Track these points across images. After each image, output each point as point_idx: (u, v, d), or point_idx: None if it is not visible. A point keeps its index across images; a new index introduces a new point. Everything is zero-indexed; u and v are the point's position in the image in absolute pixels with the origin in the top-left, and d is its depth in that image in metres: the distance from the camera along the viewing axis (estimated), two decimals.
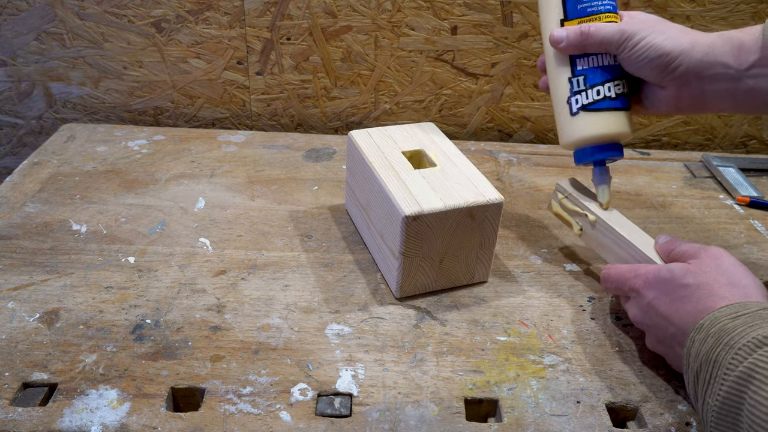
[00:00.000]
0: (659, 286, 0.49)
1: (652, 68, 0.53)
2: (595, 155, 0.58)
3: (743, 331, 0.39)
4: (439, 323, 0.56)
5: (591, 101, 0.56)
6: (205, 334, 0.54)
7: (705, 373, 0.40)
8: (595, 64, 0.56)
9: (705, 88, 0.52)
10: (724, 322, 0.41)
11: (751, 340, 0.38)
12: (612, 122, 0.56)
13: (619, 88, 0.56)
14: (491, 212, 0.57)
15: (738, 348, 0.38)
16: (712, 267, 0.48)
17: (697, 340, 0.43)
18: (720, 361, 0.39)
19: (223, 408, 0.47)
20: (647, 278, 0.50)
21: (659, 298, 0.49)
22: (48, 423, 0.45)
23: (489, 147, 0.89)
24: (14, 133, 0.95)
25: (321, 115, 0.94)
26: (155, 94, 0.92)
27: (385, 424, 0.46)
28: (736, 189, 0.79)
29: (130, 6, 0.84)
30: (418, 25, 0.86)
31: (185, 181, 0.76)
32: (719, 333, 0.41)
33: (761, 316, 0.40)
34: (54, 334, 0.53)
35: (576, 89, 0.57)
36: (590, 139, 0.57)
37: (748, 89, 0.51)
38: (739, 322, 0.40)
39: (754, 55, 0.49)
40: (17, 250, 0.63)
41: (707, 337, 0.42)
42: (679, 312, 0.47)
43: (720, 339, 0.40)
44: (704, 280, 0.47)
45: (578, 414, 0.48)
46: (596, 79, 0.56)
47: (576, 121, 0.57)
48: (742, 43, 0.50)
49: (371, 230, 0.63)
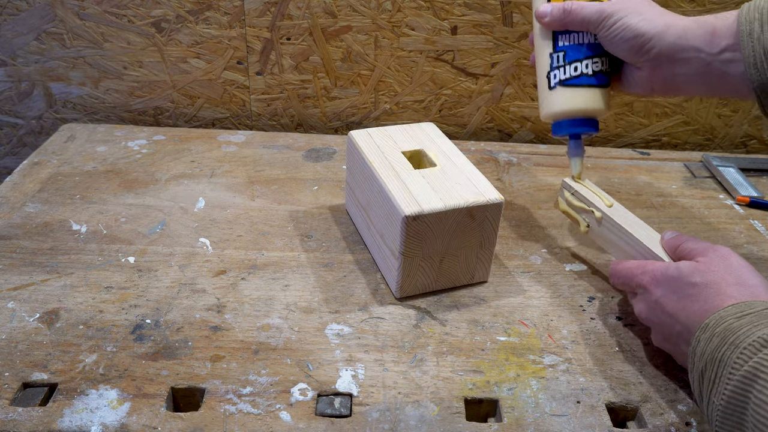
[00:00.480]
0: (667, 283, 0.49)
1: (627, 48, 0.54)
2: (570, 129, 0.60)
3: (749, 330, 0.39)
4: (439, 323, 0.56)
5: (568, 77, 0.58)
6: (205, 334, 0.54)
7: (710, 373, 0.41)
8: (576, 42, 0.58)
9: (677, 71, 0.53)
10: (729, 321, 0.41)
11: (756, 339, 0.38)
12: (587, 98, 0.58)
13: (597, 66, 0.58)
14: (491, 212, 0.57)
15: (743, 347, 0.38)
16: (721, 266, 0.47)
17: (702, 339, 0.43)
18: (725, 360, 0.39)
19: (223, 408, 0.47)
20: (655, 275, 0.50)
21: (666, 296, 0.49)
22: (48, 423, 0.45)
23: (489, 147, 0.89)
24: (14, 133, 0.95)
25: (321, 115, 0.94)
26: (155, 94, 0.92)
27: (385, 424, 0.46)
28: (736, 189, 0.79)
29: (130, 6, 0.84)
30: (418, 25, 0.86)
31: (185, 181, 0.76)
32: (725, 332, 0.41)
33: (767, 316, 0.40)
34: (54, 334, 0.53)
35: (555, 64, 0.59)
36: (565, 113, 0.59)
37: (720, 74, 0.52)
38: (745, 321, 0.40)
39: (725, 40, 0.50)
40: (17, 250, 0.63)
41: (713, 336, 0.42)
42: (685, 310, 0.47)
43: (725, 338, 0.40)
44: (712, 279, 0.47)
45: (578, 414, 0.48)
46: (575, 55, 0.58)
47: (553, 95, 0.59)
48: (715, 28, 0.51)
49: (371, 230, 0.63)
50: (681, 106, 0.92)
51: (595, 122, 0.60)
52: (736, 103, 0.92)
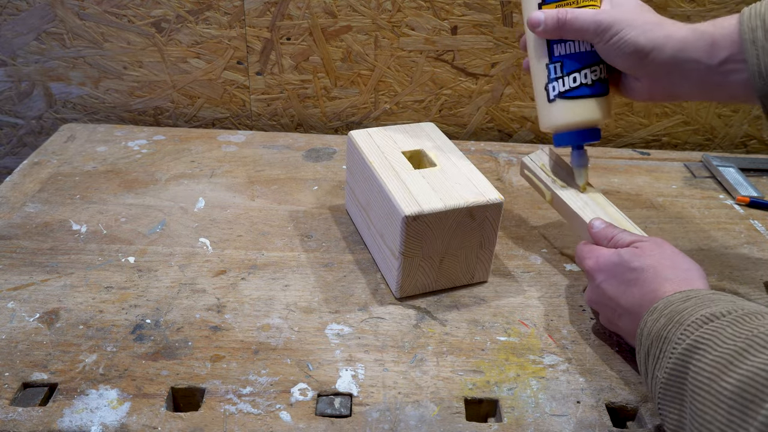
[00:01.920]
0: (608, 269, 0.52)
1: (626, 61, 0.54)
2: (573, 140, 0.59)
3: (693, 310, 0.41)
4: (439, 323, 0.56)
5: (568, 89, 0.57)
6: (205, 334, 0.54)
7: (655, 349, 0.42)
8: (573, 51, 0.57)
9: (676, 82, 0.54)
10: (676, 304, 0.43)
11: (699, 317, 0.40)
12: (588, 110, 0.57)
13: (596, 74, 0.57)
14: (491, 212, 0.57)
15: (687, 324, 0.40)
16: (656, 252, 0.50)
17: (649, 320, 0.45)
18: (670, 337, 0.41)
19: (223, 408, 0.47)
20: (598, 261, 0.54)
21: (608, 281, 0.52)
22: (48, 423, 0.45)
23: (489, 147, 0.89)
24: (14, 133, 0.95)
25: (321, 115, 0.94)
26: (155, 94, 0.92)
27: (385, 424, 0.46)
28: (736, 189, 0.79)
29: (130, 6, 0.84)
30: (418, 25, 0.86)
31: (185, 181, 0.76)
32: (671, 313, 0.43)
33: (710, 299, 0.42)
34: (54, 334, 0.53)
35: (554, 76, 0.58)
36: (568, 125, 0.59)
37: (719, 83, 0.52)
38: (690, 303, 0.42)
39: (725, 51, 0.50)
40: (17, 250, 0.62)
41: (660, 317, 0.43)
42: (625, 294, 0.50)
43: (672, 318, 0.42)
44: (650, 262, 0.49)
45: (578, 414, 0.48)
46: (573, 65, 0.57)
47: (553, 108, 0.58)
48: (714, 39, 0.51)
49: (371, 230, 0.63)
50: (681, 106, 0.92)
51: (597, 131, 0.59)
52: (736, 104, 0.92)
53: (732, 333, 0.37)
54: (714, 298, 0.42)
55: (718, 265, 0.66)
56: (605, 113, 0.58)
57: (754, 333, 0.36)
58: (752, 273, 0.65)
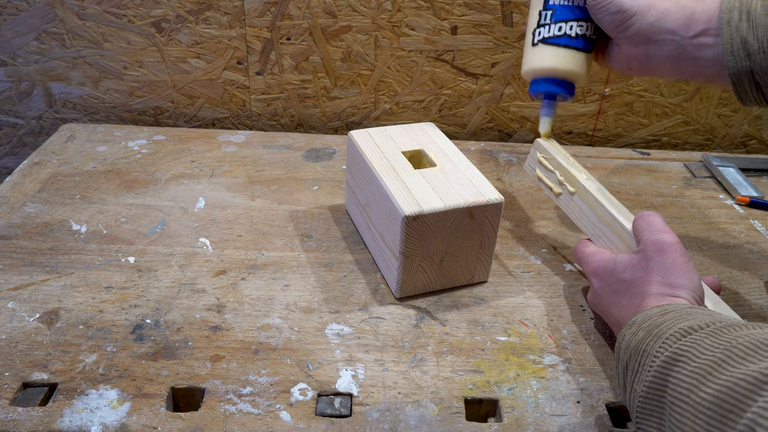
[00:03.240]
0: (603, 275, 0.54)
1: (609, 22, 0.55)
2: (545, 87, 0.60)
3: (671, 323, 0.41)
4: (439, 323, 0.56)
5: (551, 35, 0.58)
6: (205, 334, 0.54)
7: (634, 363, 0.42)
8: (565, 2, 0.58)
9: (651, 52, 0.54)
10: (654, 318, 0.43)
11: (677, 330, 0.40)
12: (566, 59, 0.58)
13: (582, 30, 0.58)
14: (491, 212, 0.57)
15: (666, 338, 0.40)
16: (651, 263, 0.49)
17: (627, 334, 0.45)
18: (648, 350, 0.41)
19: (223, 408, 0.47)
20: (597, 266, 0.55)
21: (602, 287, 0.54)
22: (48, 423, 0.45)
23: (489, 147, 0.89)
24: (14, 133, 0.95)
25: (321, 115, 0.94)
26: (155, 94, 0.92)
27: (385, 424, 0.46)
28: (736, 189, 0.79)
29: (130, 6, 0.84)
30: (418, 25, 0.86)
31: (185, 181, 0.76)
32: (649, 326, 0.43)
33: (688, 312, 0.42)
34: (54, 334, 0.53)
35: (542, 22, 0.59)
36: (543, 71, 0.60)
37: (692, 57, 0.53)
38: (668, 317, 0.42)
39: (701, 25, 0.51)
40: (17, 250, 0.63)
41: (638, 330, 0.43)
42: (615, 304, 0.52)
43: (650, 331, 0.42)
44: (639, 276, 0.50)
45: (578, 414, 0.48)
46: (562, 15, 0.58)
47: (534, 51, 0.60)
48: (693, 13, 0.52)
49: (371, 230, 0.63)
50: (681, 106, 0.92)
51: (571, 86, 0.60)
52: (736, 103, 0.92)
53: (710, 344, 0.37)
54: (692, 312, 0.42)
55: (718, 265, 0.66)
56: (582, 69, 0.59)
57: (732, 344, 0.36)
58: (752, 273, 0.65)
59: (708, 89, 0.91)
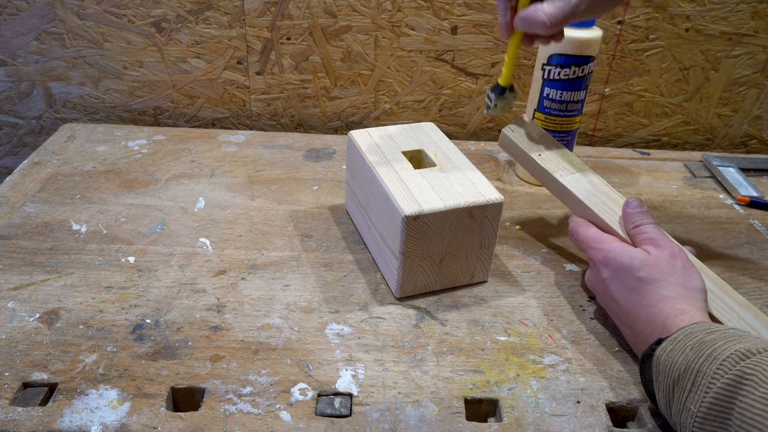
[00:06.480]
0: (616, 268, 0.53)
1: None
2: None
3: (724, 344, 0.42)
4: (439, 323, 0.56)
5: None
6: (205, 334, 0.54)
7: (685, 381, 0.42)
8: None
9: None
10: (699, 336, 0.43)
11: (734, 352, 0.40)
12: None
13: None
14: (491, 212, 0.57)
15: (723, 359, 0.40)
16: (667, 265, 0.51)
17: (669, 350, 0.44)
18: (704, 370, 0.41)
19: (223, 408, 0.47)
20: (608, 256, 0.54)
21: (612, 280, 0.53)
22: (48, 423, 0.45)
23: (489, 147, 0.89)
24: (14, 133, 0.95)
25: (321, 115, 0.94)
26: (155, 94, 0.92)
27: (385, 424, 0.46)
28: (736, 189, 0.79)
29: (130, 6, 0.84)
30: (418, 25, 0.86)
31: (185, 181, 0.76)
32: (699, 345, 0.43)
33: (733, 334, 0.43)
34: (54, 334, 0.53)
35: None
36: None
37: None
38: (716, 336, 0.43)
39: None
40: (17, 250, 0.62)
41: (685, 348, 0.43)
42: (626, 300, 0.52)
43: (701, 351, 0.42)
44: (656, 276, 0.50)
45: (578, 414, 0.48)
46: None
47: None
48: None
49: (371, 230, 0.63)
50: (681, 106, 0.92)
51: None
52: (736, 103, 0.92)
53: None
54: (738, 334, 0.43)
55: (719, 265, 0.66)
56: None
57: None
58: (752, 273, 0.65)
59: (708, 89, 0.91)
